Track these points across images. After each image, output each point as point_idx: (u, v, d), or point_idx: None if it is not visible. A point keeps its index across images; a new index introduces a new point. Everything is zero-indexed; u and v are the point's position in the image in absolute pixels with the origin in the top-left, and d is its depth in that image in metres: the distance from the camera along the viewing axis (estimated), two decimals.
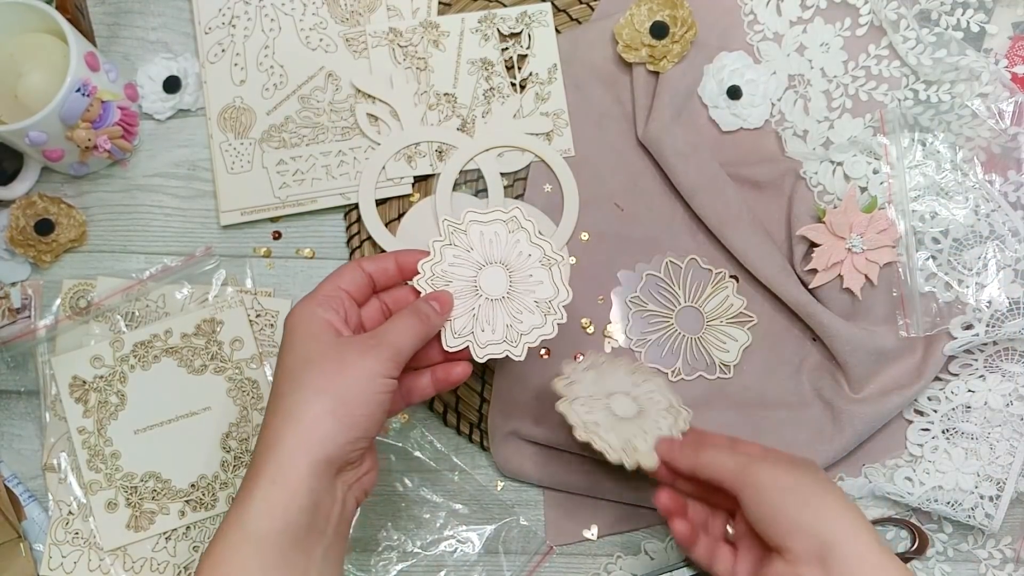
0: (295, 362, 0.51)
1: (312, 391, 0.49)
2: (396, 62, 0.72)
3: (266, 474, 0.48)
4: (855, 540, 0.50)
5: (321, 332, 0.52)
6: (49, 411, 0.68)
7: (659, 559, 0.67)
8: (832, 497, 0.52)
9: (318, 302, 0.53)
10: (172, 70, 0.71)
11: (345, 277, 0.56)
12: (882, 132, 0.69)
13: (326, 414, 0.49)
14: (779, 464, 0.54)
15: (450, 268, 0.58)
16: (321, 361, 0.50)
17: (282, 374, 0.51)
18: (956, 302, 0.67)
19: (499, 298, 0.58)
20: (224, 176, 0.71)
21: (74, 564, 0.67)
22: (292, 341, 0.52)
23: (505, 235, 0.59)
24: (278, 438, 0.49)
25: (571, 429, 0.57)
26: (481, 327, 0.58)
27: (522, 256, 0.59)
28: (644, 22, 0.70)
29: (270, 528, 0.47)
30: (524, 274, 0.59)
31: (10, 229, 0.69)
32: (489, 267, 0.59)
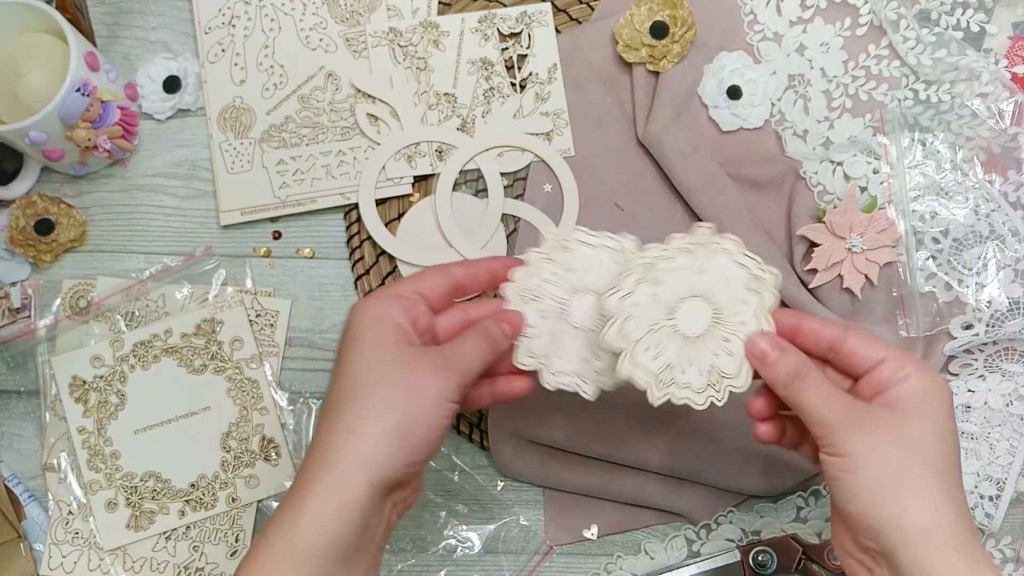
0: (361, 368, 0.48)
1: (377, 407, 0.47)
2: (396, 62, 0.72)
3: (319, 489, 0.46)
4: (931, 555, 0.44)
5: (391, 338, 0.49)
6: (49, 411, 0.68)
7: (659, 559, 0.67)
8: (928, 496, 0.46)
9: (391, 302, 0.50)
10: (172, 70, 0.71)
11: (427, 281, 0.53)
12: (882, 132, 0.69)
13: (389, 435, 0.46)
14: (872, 436, 0.47)
15: (544, 283, 0.55)
16: (389, 374, 0.48)
17: (345, 378, 0.48)
18: (956, 302, 0.67)
19: (584, 328, 0.54)
20: (224, 176, 0.71)
21: (74, 564, 0.67)
22: (359, 341, 0.49)
23: (609, 264, 0.54)
24: (336, 452, 0.46)
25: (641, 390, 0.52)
26: (558, 353, 0.54)
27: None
28: (644, 22, 0.70)
29: (319, 544, 0.45)
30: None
31: (10, 229, 0.69)
32: (583, 294, 0.54)
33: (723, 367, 0.51)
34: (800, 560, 0.65)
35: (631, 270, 0.52)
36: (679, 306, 0.52)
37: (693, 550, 0.67)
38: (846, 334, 0.50)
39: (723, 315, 0.52)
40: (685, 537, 0.67)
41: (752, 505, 0.67)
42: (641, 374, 0.51)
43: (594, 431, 0.66)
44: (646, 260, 0.52)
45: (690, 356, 0.51)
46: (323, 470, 0.46)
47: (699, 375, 0.51)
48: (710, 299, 0.52)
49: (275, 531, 0.46)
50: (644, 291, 0.52)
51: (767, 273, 0.52)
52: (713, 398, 0.52)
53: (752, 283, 0.52)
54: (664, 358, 0.51)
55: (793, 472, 0.66)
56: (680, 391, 0.52)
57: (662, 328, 0.52)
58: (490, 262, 0.55)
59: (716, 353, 0.51)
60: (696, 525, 0.67)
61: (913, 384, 0.48)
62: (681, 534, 0.67)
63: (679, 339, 0.51)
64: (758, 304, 0.51)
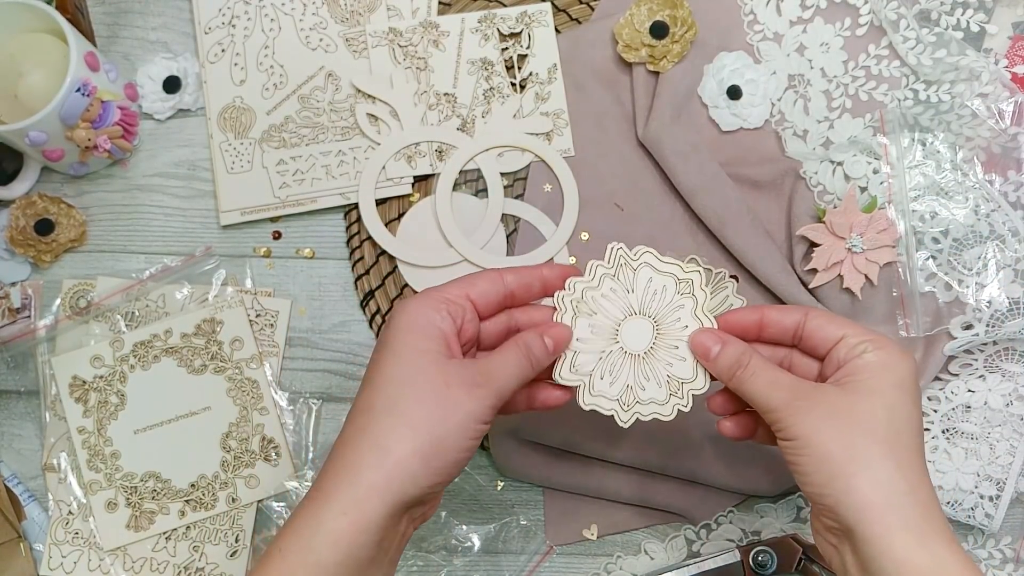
0: (395, 379, 0.47)
1: (406, 424, 0.46)
2: (396, 62, 0.72)
3: (338, 503, 0.45)
4: (882, 530, 0.44)
5: (431, 347, 0.47)
6: (49, 411, 0.68)
7: (659, 559, 0.67)
8: (874, 471, 0.45)
9: (439, 307, 0.49)
10: (172, 70, 0.71)
11: (478, 287, 0.51)
12: (882, 132, 0.69)
13: (415, 455, 0.45)
14: (818, 417, 0.47)
15: (602, 299, 0.53)
16: (423, 390, 0.46)
17: (377, 387, 0.47)
18: (956, 302, 0.67)
19: (635, 354, 0.53)
20: (224, 176, 0.71)
21: (74, 564, 0.67)
22: (398, 349, 0.47)
23: (672, 293, 0.53)
24: (358, 467, 0.45)
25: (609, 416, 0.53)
26: (601, 374, 0.53)
27: (678, 323, 0.53)
28: (644, 22, 0.70)
29: (334, 560, 0.45)
30: (670, 342, 0.53)
31: (10, 229, 0.69)
32: (640, 318, 0.53)
33: (679, 374, 0.53)
34: (800, 560, 0.65)
35: (564, 308, 0.53)
36: (620, 328, 0.53)
37: (693, 550, 0.67)
38: (806, 317, 0.51)
39: (663, 325, 0.53)
40: (685, 537, 0.67)
41: (752, 505, 0.67)
42: (603, 402, 0.53)
43: (594, 431, 0.66)
44: (574, 295, 0.53)
45: (645, 372, 0.53)
46: (344, 484, 0.45)
47: (659, 387, 0.53)
48: (647, 313, 0.53)
49: (289, 543, 0.46)
50: (582, 324, 0.53)
51: (693, 273, 0.53)
52: (678, 405, 0.53)
53: (681, 287, 0.53)
54: (621, 381, 0.53)
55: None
56: (645, 408, 0.53)
57: (611, 353, 0.53)
58: (545, 271, 0.53)
59: (669, 362, 0.53)
60: (696, 525, 0.67)
61: (867, 359, 0.48)
62: (681, 534, 0.67)
63: (630, 359, 0.53)
64: (693, 305, 0.53)
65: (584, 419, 0.66)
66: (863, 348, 0.48)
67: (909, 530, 0.44)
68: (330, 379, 0.70)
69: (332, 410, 0.69)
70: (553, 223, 0.70)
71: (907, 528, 0.44)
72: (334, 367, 0.70)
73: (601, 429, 0.66)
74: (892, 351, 0.48)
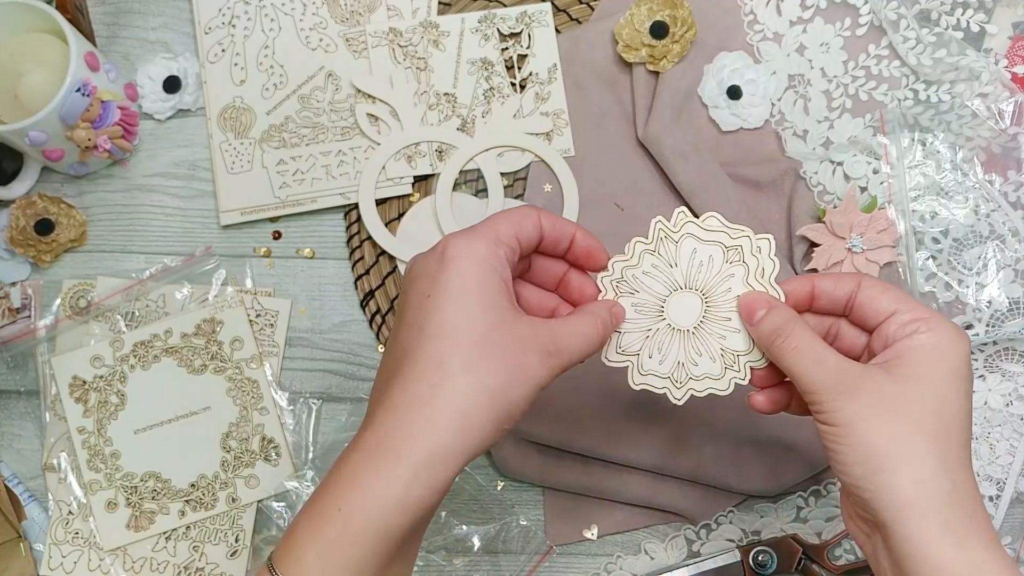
0: (470, 330, 0.43)
1: (483, 389, 0.42)
2: (396, 62, 0.72)
3: (410, 465, 0.41)
4: (919, 531, 0.42)
5: (502, 300, 0.44)
6: (49, 411, 0.68)
7: (659, 559, 0.67)
8: (917, 468, 0.43)
9: (497, 250, 0.45)
10: (172, 70, 0.71)
11: (526, 227, 0.47)
12: (882, 132, 0.69)
13: (490, 422, 0.42)
14: (864, 403, 0.44)
15: (643, 276, 0.51)
16: (503, 350, 0.43)
17: (449, 336, 0.43)
18: (956, 302, 0.67)
19: (683, 330, 0.51)
20: (224, 176, 0.71)
21: (74, 564, 0.67)
22: (465, 294, 0.43)
23: (720, 262, 0.50)
24: (435, 428, 0.42)
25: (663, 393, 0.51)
26: (650, 352, 0.51)
27: (728, 293, 0.50)
28: (644, 22, 0.70)
29: (401, 524, 0.42)
30: (722, 314, 0.50)
31: (10, 229, 0.69)
32: (686, 292, 0.51)
33: (734, 346, 0.50)
34: (800, 560, 0.65)
35: (605, 290, 0.51)
36: (666, 305, 0.51)
37: (693, 550, 0.67)
38: (859, 286, 0.48)
39: (713, 296, 0.51)
40: (685, 537, 0.67)
41: (752, 505, 0.67)
42: (654, 381, 0.51)
43: (594, 431, 0.66)
44: (614, 276, 0.51)
45: (696, 347, 0.51)
46: (417, 445, 0.42)
47: (712, 362, 0.51)
48: (694, 286, 0.51)
49: (352, 503, 0.42)
50: (626, 304, 0.51)
51: (741, 239, 0.50)
52: (735, 379, 0.50)
53: (730, 255, 0.50)
54: (671, 358, 0.51)
55: (793, 472, 0.66)
56: (699, 383, 0.51)
57: (658, 330, 0.51)
58: (578, 233, 0.49)
59: (722, 335, 0.51)
60: (696, 525, 0.67)
61: (919, 341, 0.45)
62: (681, 534, 0.67)
63: (679, 335, 0.51)
64: (744, 273, 0.50)
65: (585, 419, 0.67)
66: (915, 327, 0.45)
67: (948, 532, 0.42)
68: (330, 379, 0.70)
69: (332, 410, 0.69)
70: None
71: (946, 530, 0.42)
72: (334, 367, 0.70)
73: (601, 429, 0.66)
74: (946, 333, 0.45)
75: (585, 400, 0.67)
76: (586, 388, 0.68)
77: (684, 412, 0.67)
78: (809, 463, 0.66)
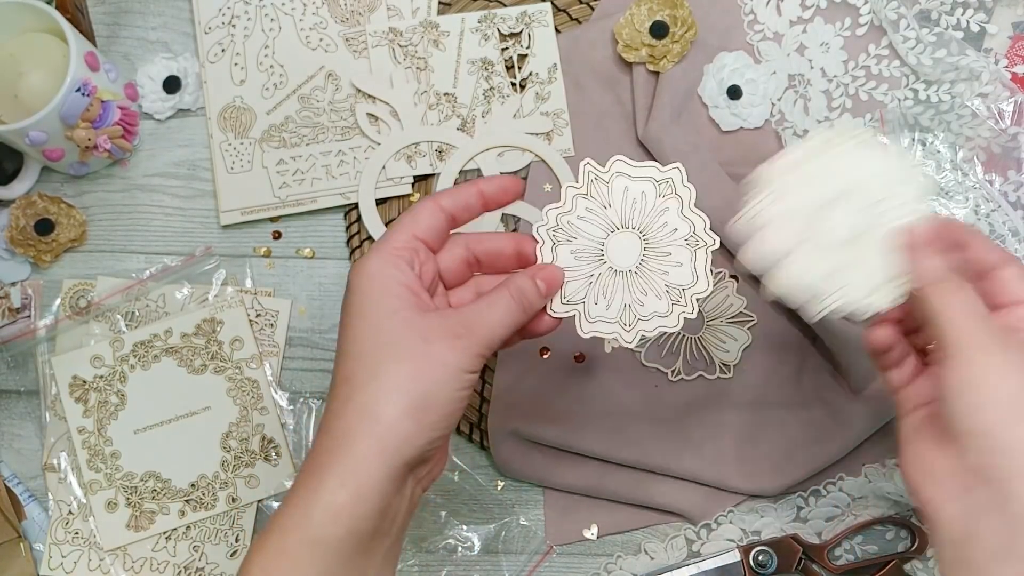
0: (369, 343, 0.45)
1: (392, 387, 0.44)
2: (396, 62, 0.72)
3: (334, 475, 0.44)
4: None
5: (400, 304, 0.46)
6: (49, 411, 0.68)
7: (659, 559, 0.67)
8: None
9: (393, 260, 0.47)
10: (172, 70, 0.71)
11: (422, 222, 0.48)
12: (882, 132, 0.69)
13: (406, 416, 0.44)
14: (1010, 359, 0.43)
15: (579, 222, 0.50)
16: (402, 349, 0.45)
17: (353, 355, 0.46)
18: None
19: (625, 271, 0.50)
20: (224, 176, 0.71)
21: (74, 564, 0.67)
22: (365, 312, 0.46)
23: (653, 198, 0.50)
24: (350, 437, 0.44)
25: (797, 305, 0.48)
26: (595, 299, 0.50)
27: (665, 228, 0.50)
28: (644, 22, 0.70)
29: (335, 534, 0.43)
30: (662, 249, 0.50)
31: (10, 229, 0.69)
32: (623, 232, 0.50)
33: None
34: (800, 560, 0.65)
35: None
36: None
37: (693, 550, 0.67)
38: (1006, 263, 0.47)
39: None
40: (685, 537, 0.67)
41: (752, 505, 0.67)
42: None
43: (594, 431, 0.66)
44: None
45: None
46: (336, 456, 0.44)
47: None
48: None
49: (287, 520, 0.44)
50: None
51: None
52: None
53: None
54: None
55: (794, 473, 0.66)
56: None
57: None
58: (482, 185, 0.50)
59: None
60: (696, 525, 0.67)
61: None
62: (681, 534, 0.67)
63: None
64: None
65: (584, 419, 0.67)
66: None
67: None
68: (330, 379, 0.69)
69: None
70: None
71: None
72: None
73: (602, 429, 0.66)
74: None
75: (585, 400, 0.67)
76: (586, 388, 0.68)
77: (684, 412, 0.67)
78: (810, 463, 0.66)
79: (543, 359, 0.69)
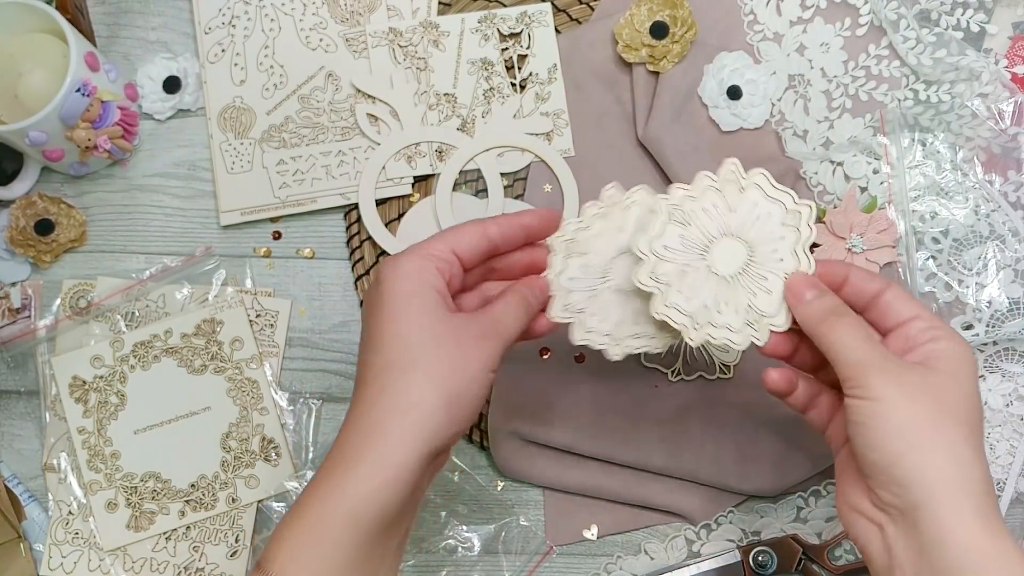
0: (405, 339, 0.48)
1: (427, 380, 0.47)
2: (396, 62, 0.72)
3: (368, 459, 0.46)
4: (952, 512, 0.43)
5: (433, 306, 0.49)
6: (49, 411, 0.68)
7: (659, 559, 0.67)
8: (956, 451, 0.44)
9: (427, 263, 0.49)
10: (172, 70, 0.71)
11: (463, 241, 0.51)
12: (882, 132, 0.69)
13: (439, 408, 0.47)
14: (906, 385, 0.46)
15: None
16: (436, 345, 0.48)
17: (388, 348, 0.48)
18: (956, 302, 0.67)
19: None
20: (224, 176, 0.71)
21: (74, 564, 0.67)
22: (400, 310, 0.48)
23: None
24: (384, 425, 0.46)
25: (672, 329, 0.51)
26: (593, 311, 0.53)
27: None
28: (644, 22, 0.70)
29: (368, 512, 0.46)
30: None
31: (10, 229, 0.69)
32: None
33: (761, 306, 0.51)
34: (800, 560, 0.65)
35: (659, 212, 0.51)
36: (712, 246, 0.51)
37: (693, 550, 0.67)
38: (887, 288, 0.50)
39: (758, 253, 0.51)
40: (685, 537, 0.67)
41: (752, 505, 0.67)
42: (676, 315, 0.51)
43: (594, 431, 0.66)
44: (673, 201, 0.51)
45: (726, 296, 0.51)
46: (371, 441, 0.46)
47: (736, 315, 0.51)
48: (744, 237, 0.51)
49: (318, 498, 0.46)
50: (673, 232, 0.51)
51: (802, 206, 0.51)
52: (753, 337, 0.51)
53: (787, 218, 0.51)
54: (699, 299, 0.51)
55: (794, 473, 0.66)
56: (717, 331, 0.51)
57: (696, 269, 0.51)
58: (526, 218, 0.53)
59: (753, 292, 0.51)
60: (696, 525, 0.67)
61: (944, 347, 0.48)
62: (681, 534, 0.67)
63: (713, 279, 0.51)
64: (795, 240, 0.51)
65: (584, 419, 0.67)
66: (936, 334, 0.48)
67: (980, 516, 0.43)
68: (330, 379, 0.70)
69: (332, 410, 0.69)
70: None
71: (978, 514, 0.43)
72: (334, 367, 0.70)
73: (602, 429, 0.66)
74: (963, 342, 0.48)
75: (585, 400, 0.67)
76: (586, 389, 0.68)
77: (684, 412, 0.67)
78: (810, 463, 0.66)
79: (543, 359, 0.69)
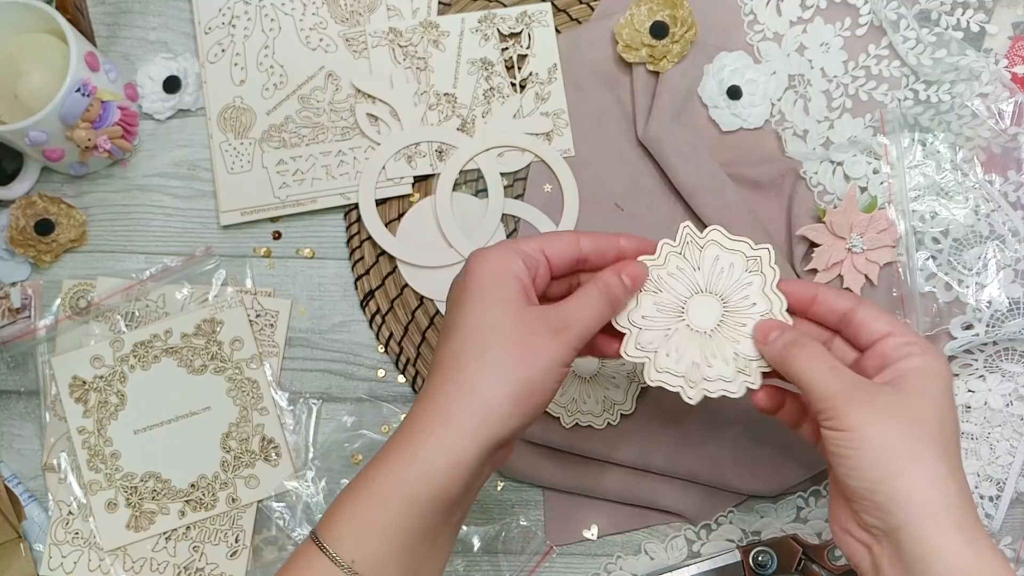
0: (481, 326, 0.48)
1: (495, 370, 0.47)
2: (396, 62, 0.72)
3: (432, 442, 0.46)
4: (934, 530, 0.44)
5: (513, 296, 0.49)
6: (49, 411, 0.68)
7: (659, 559, 0.67)
8: (931, 470, 0.45)
9: (514, 257, 0.50)
10: (172, 70, 0.71)
11: (555, 246, 0.52)
12: (882, 132, 0.69)
13: (507, 398, 0.47)
14: (878, 410, 0.46)
15: (668, 277, 0.54)
16: (509, 336, 0.47)
17: (463, 334, 0.48)
18: (956, 302, 0.67)
19: (700, 331, 0.53)
20: (224, 176, 0.71)
21: (74, 564, 0.67)
22: (480, 297, 0.49)
23: (740, 271, 0.54)
24: (451, 410, 0.47)
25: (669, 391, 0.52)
26: (667, 351, 0.53)
27: (745, 300, 0.53)
28: (644, 22, 0.70)
29: (428, 493, 0.46)
30: (737, 319, 0.53)
31: (10, 229, 0.69)
32: (706, 296, 0.54)
33: (747, 352, 0.53)
34: (800, 560, 0.65)
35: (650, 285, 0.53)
36: (687, 306, 0.53)
37: (693, 550, 0.67)
38: (858, 306, 0.51)
39: (731, 302, 0.53)
40: (685, 537, 0.67)
41: (752, 505, 0.67)
42: (669, 379, 0.53)
43: (594, 432, 0.66)
44: None
45: (712, 349, 0.53)
46: (436, 425, 0.47)
47: (726, 365, 0.52)
48: (714, 291, 0.54)
49: (379, 475, 0.47)
50: (647, 302, 0.54)
51: (760, 250, 0.54)
52: (747, 383, 0.52)
53: (750, 264, 0.54)
54: (687, 358, 0.53)
55: (794, 473, 0.66)
56: (712, 384, 0.52)
57: (677, 331, 0.53)
58: (622, 241, 0.54)
59: (736, 340, 0.53)
60: (696, 525, 0.67)
61: (916, 362, 0.48)
62: (681, 534, 0.67)
63: (697, 337, 0.53)
64: (762, 283, 0.53)
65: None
66: (910, 350, 0.49)
67: (961, 530, 0.44)
68: (330, 379, 0.70)
69: (332, 410, 0.69)
70: (553, 223, 0.70)
71: (959, 528, 0.44)
72: (334, 367, 0.70)
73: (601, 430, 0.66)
74: (937, 356, 0.49)
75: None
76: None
77: (684, 413, 0.67)
78: (809, 463, 0.66)
79: None
